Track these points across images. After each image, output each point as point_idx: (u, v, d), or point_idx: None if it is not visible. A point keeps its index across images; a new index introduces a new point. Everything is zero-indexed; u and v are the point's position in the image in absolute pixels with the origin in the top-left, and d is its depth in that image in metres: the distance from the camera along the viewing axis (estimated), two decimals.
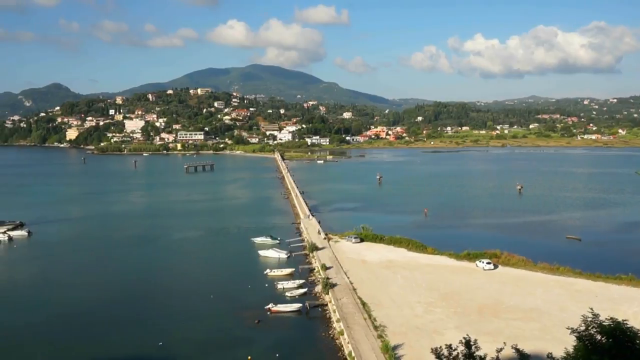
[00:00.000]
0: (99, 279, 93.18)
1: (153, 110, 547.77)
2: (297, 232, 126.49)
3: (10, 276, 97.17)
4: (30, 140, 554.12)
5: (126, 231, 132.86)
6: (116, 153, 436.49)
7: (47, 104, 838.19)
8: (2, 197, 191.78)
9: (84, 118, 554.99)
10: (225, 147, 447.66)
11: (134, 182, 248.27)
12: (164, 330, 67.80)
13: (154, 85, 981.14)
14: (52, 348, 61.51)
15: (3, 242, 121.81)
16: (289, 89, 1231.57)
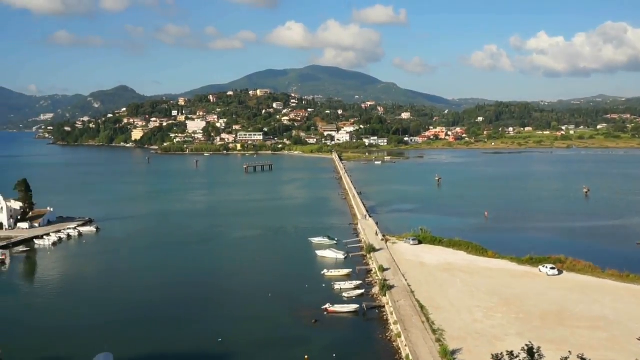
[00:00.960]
0: (161, 274, 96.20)
1: (214, 111, 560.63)
2: (355, 233, 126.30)
3: (80, 270, 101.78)
4: (98, 140, 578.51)
5: (187, 229, 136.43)
6: (179, 153, 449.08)
7: (114, 105, 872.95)
8: (73, 195, 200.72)
9: (148, 119, 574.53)
10: (283, 148, 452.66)
11: (195, 181, 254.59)
12: (224, 327, 69.13)
13: (215, 87, 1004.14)
14: (117, 341, 63.77)
15: (74, 238, 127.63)
16: (347, 89, 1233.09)
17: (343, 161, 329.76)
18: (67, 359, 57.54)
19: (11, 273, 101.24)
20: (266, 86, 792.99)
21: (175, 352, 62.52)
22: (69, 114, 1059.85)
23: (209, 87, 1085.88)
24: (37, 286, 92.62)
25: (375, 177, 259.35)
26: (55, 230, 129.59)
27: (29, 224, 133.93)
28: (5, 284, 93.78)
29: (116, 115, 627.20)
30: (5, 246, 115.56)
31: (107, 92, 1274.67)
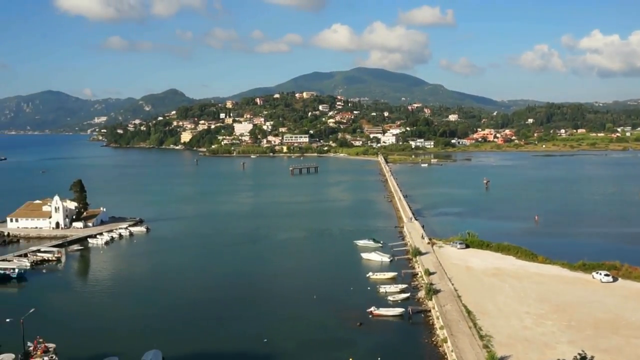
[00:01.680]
0: (208, 274, 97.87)
1: (260, 113, 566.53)
2: (400, 235, 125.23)
3: (130, 268, 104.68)
4: (149, 142, 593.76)
5: (234, 230, 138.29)
6: (226, 155, 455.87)
7: (165, 108, 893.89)
8: (125, 196, 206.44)
9: (197, 121, 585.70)
10: (329, 150, 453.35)
11: (242, 183, 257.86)
12: (269, 327, 69.69)
13: (262, 90, 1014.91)
14: (165, 339, 65.15)
15: (125, 237, 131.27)
16: (393, 91, 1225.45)
17: (389, 163, 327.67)
18: (117, 354, 59.04)
19: (66, 270, 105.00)
20: (312, 89, 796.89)
21: (221, 351, 63.44)
22: (121, 117, 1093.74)
23: (255, 89, 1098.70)
24: (90, 284, 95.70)
25: (422, 179, 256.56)
26: (108, 230, 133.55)
27: (83, 223, 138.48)
28: (60, 280, 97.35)
29: (166, 118, 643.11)
30: (61, 244, 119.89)
31: (158, 95, 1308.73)
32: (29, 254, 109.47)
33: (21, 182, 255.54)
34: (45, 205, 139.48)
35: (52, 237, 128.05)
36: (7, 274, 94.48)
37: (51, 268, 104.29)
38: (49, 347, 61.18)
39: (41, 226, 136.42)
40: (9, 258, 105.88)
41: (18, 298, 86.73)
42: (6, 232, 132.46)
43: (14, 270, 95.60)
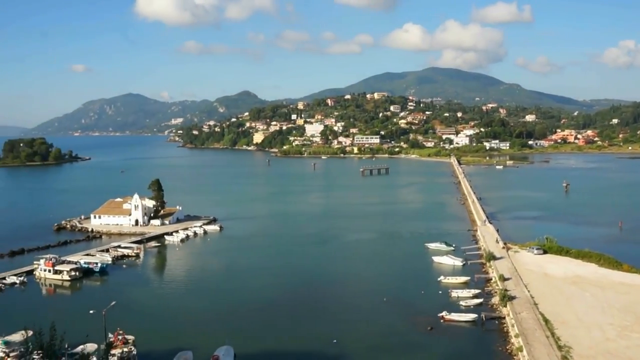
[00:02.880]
0: (279, 274, 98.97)
1: (331, 114, 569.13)
2: (473, 239, 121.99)
3: (204, 265, 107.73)
4: (222, 143, 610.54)
5: (304, 230, 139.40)
6: (297, 156, 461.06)
7: (238, 110, 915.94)
8: (199, 195, 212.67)
9: (269, 123, 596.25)
10: (400, 151, 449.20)
11: (312, 183, 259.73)
12: (338, 328, 69.57)
13: (333, 91, 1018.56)
14: (237, 335, 66.23)
15: (199, 235, 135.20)
16: (466, 91, 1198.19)
17: (462, 165, 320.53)
18: (191, 349, 60.65)
19: (144, 266, 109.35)
20: (383, 89, 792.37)
21: (291, 350, 63.95)
22: (196, 118, 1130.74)
23: (327, 90, 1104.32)
24: (166, 279, 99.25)
25: (496, 182, 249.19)
26: (184, 228, 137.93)
27: (161, 221, 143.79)
28: (138, 275, 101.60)
29: (239, 119, 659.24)
30: (139, 241, 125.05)
31: (231, 97, 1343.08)
32: (110, 250, 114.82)
33: (103, 181, 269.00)
34: (126, 203, 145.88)
35: (132, 234, 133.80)
36: (90, 268, 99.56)
37: (130, 263, 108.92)
38: (128, 339, 63.83)
39: (122, 223, 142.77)
40: (92, 253, 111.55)
41: (100, 291, 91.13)
42: (90, 228, 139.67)
43: (97, 265, 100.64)
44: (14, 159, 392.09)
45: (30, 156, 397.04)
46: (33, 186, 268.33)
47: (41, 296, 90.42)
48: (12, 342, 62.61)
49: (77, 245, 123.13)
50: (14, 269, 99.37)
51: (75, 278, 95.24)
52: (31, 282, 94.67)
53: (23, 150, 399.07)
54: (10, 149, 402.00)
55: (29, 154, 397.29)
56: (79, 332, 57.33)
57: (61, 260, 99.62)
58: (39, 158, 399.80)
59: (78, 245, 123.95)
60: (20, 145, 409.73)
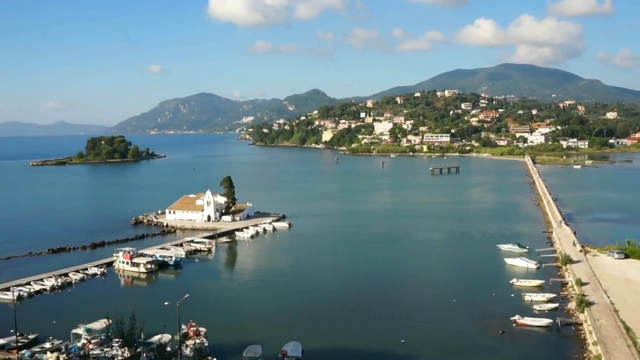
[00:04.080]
0: (346, 271, 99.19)
1: (401, 112, 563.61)
2: (548, 241, 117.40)
3: (273, 261, 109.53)
4: (292, 141, 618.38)
5: (372, 228, 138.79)
6: (365, 154, 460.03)
7: (307, 108, 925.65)
8: (269, 192, 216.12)
9: (337, 121, 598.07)
10: (471, 150, 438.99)
11: (381, 182, 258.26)
12: (406, 328, 68.84)
13: (402, 89, 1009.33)
14: (304, 331, 66.76)
15: (268, 232, 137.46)
16: (542, 88, 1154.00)
17: (536, 164, 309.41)
18: (260, 343, 61.62)
19: (215, 261, 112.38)
20: (454, 86, 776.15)
21: (358, 347, 63.82)
22: (266, 117, 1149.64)
23: (396, 88, 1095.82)
24: (237, 274, 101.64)
25: (574, 182, 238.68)
26: (254, 224, 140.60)
27: (231, 217, 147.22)
28: (210, 270, 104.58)
29: (308, 117, 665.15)
30: (211, 236, 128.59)
31: (301, 95, 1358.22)
32: (184, 244, 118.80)
33: (177, 178, 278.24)
34: (199, 199, 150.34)
35: (204, 229, 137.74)
36: (165, 261, 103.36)
37: (203, 258, 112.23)
38: (200, 331, 65.81)
39: (195, 218, 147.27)
40: (167, 247, 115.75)
41: (174, 284, 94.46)
42: (165, 223, 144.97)
43: (171, 258, 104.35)
44: (96, 156, 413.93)
45: (111, 153, 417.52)
46: (113, 182, 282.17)
47: (119, 287, 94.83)
48: (93, 330, 65.98)
49: (153, 239, 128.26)
50: (95, 261, 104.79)
51: (151, 271, 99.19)
52: (110, 273, 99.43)
53: (104, 148, 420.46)
54: (93, 146, 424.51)
55: (109, 152, 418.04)
56: (154, 322, 59.61)
57: (138, 253, 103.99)
58: (118, 155, 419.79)
59: (154, 239, 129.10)
60: (101, 143, 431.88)
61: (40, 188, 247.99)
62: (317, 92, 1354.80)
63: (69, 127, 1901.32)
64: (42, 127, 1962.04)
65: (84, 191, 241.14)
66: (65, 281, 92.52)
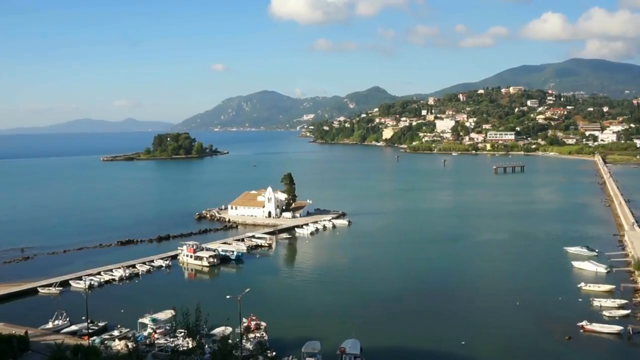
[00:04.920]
0: (406, 270, 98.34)
1: (463, 110, 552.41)
2: (620, 245, 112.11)
3: (332, 258, 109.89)
4: (352, 138, 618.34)
5: (432, 227, 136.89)
6: (427, 152, 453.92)
7: (368, 105, 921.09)
8: (329, 190, 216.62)
9: (398, 118, 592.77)
10: (537, 148, 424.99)
11: (442, 180, 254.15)
12: (467, 329, 67.48)
13: (465, 86, 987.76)
14: (363, 329, 66.49)
15: (328, 229, 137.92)
16: (614, 84, 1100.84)
17: (607, 164, 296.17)
18: (319, 339, 61.87)
19: (276, 256, 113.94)
20: (519, 83, 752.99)
21: (417, 348, 63.19)
22: (327, 114, 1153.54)
23: (459, 85, 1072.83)
24: (296, 270, 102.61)
25: None
26: (313, 221, 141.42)
27: (292, 213, 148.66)
28: (270, 265, 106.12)
29: (369, 115, 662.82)
30: (272, 232, 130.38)
31: (361, 93, 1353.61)
32: (245, 239, 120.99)
33: (238, 174, 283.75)
34: (260, 196, 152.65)
35: (265, 225, 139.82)
36: (227, 256, 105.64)
37: (263, 253, 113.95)
38: (261, 325, 66.87)
39: (256, 214, 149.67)
40: (229, 241, 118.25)
41: (236, 278, 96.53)
42: (227, 218, 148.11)
43: (233, 253, 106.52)
44: (162, 152, 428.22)
45: (176, 150, 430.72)
46: (178, 177, 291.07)
47: (183, 279, 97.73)
48: (158, 320, 68.29)
49: (216, 234, 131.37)
50: (160, 253, 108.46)
51: (214, 264, 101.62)
52: (175, 266, 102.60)
53: (170, 144, 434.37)
54: (159, 142, 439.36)
55: (174, 148, 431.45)
56: (216, 315, 60.87)
57: (201, 247, 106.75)
58: (183, 151, 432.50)
59: (216, 234, 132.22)
60: (167, 139, 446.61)
61: (111, 182, 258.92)
62: (377, 90, 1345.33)
63: (137, 124, 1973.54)
64: (111, 124, 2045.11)
65: (151, 186, 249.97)
66: (133, 272, 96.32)
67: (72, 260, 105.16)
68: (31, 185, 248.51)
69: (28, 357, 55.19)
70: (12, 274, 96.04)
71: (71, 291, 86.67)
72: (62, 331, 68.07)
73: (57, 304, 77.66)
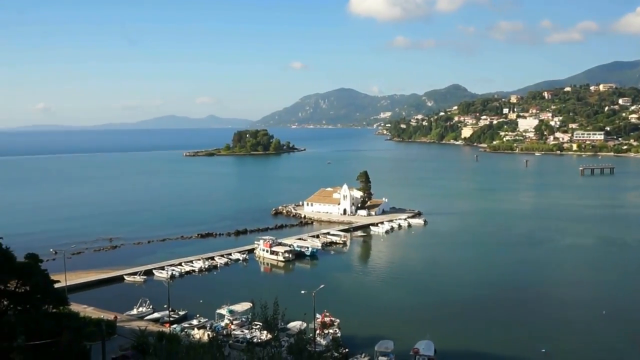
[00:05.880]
0: (483, 272, 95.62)
1: (548, 108, 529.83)
2: None
3: (407, 258, 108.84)
4: (429, 137, 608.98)
5: (512, 230, 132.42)
6: (507, 152, 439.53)
7: (446, 103, 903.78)
8: (405, 189, 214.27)
9: (478, 117, 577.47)
10: (629, 149, 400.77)
11: (523, 181, 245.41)
12: (548, 337, 64.71)
13: (550, 83, 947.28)
14: (437, 331, 65.25)
15: (403, 228, 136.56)
16: None
17: None
18: (392, 338, 61.16)
19: (350, 254, 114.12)
20: (610, 80, 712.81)
21: (494, 352, 61.34)
22: (404, 112, 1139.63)
23: (543, 83, 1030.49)
24: (370, 268, 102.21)
25: None
26: (389, 220, 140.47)
27: (367, 211, 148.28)
28: (345, 262, 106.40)
29: (447, 113, 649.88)
30: (347, 230, 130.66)
31: (440, 91, 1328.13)
32: (320, 236, 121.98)
33: (313, 171, 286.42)
34: (336, 193, 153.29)
35: (340, 222, 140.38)
36: (302, 252, 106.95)
37: (338, 250, 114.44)
38: (334, 322, 67.13)
39: (331, 211, 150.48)
40: (304, 237, 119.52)
41: (310, 273, 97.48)
42: (303, 215, 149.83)
43: (308, 249, 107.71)
44: (241, 148, 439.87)
45: (254, 146, 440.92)
46: (256, 173, 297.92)
47: (259, 273, 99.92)
48: (235, 312, 70.15)
49: (291, 230, 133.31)
50: (238, 247, 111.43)
51: (289, 260, 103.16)
52: (251, 260, 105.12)
53: (248, 141, 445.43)
54: (239, 139, 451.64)
55: (253, 144, 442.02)
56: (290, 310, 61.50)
57: (277, 242, 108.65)
58: (261, 148, 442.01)
59: (292, 229, 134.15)
60: (246, 136, 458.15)
61: (192, 177, 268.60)
62: (457, 87, 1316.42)
63: (218, 120, 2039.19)
64: (194, 120, 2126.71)
65: (230, 181, 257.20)
66: (212, 264, 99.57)
67: (156, 251, 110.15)
68: (120, 179, 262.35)
69: (114, 340, 58.27)
70: (101, 261, 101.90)
71: (154, 280, 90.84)
72: (146, 318, 71.43)
73: (141, 291, 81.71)
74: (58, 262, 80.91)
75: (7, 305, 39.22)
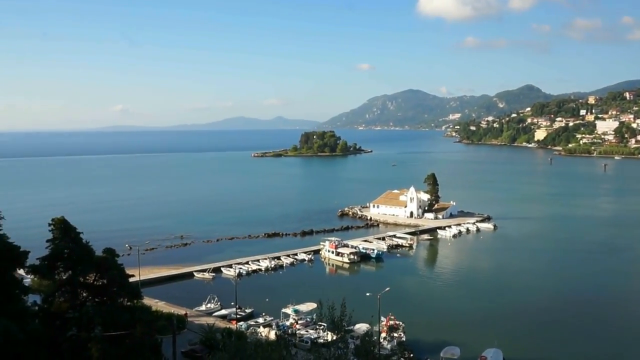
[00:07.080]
0: (555, 280, 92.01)
1: (630, 110, 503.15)
2: None
3: (475, 262, 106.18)
4: (500, 139, 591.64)
5: (588, 237, 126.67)
6: (584, 155, 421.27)
7: (519, 105, 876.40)
8: (473, 192, 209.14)
9: (553, 118, 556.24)
10: None
11: (601, 186, 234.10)
12: (626, 352, 61.49)
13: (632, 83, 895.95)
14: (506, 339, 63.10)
15: (472, 232, 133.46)
16: None
17: None
18: (458, 345, 59.95)
19: (416, 257, 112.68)
20: None
21: None
22: (474, 114, 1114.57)
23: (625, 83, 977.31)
24: (436, 272, 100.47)
25: None
26: (456, 224, 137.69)
27: (434, 215, 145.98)
28: (411, 265, 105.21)
29: (520, 114, 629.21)
30: (413, 232, 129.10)
31: (512, 91, 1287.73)
32: (386, 238, 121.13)
33: (379, 173, 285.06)
34: (402, 195, 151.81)
35: (406, 225, 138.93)
36: (368, 254, 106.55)
37: (404, 253, 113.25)
38: (399, 325, 66.43)
39: (397, 214, 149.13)
40: (370, 240, 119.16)
41: (375, 276, 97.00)
42: (369, 217, 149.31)
43: (373, 251, 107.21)
44: (308, 150, 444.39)
45: (321, 147, 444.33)
46: (322, 174, 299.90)
47: (324, 274, 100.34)
48: (300, 311, 70.75)
49: (357, 232, 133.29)
50: (304, 247, 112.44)
51: (354, 261, 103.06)
52: (317, 260, 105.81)
53: (315, 142, 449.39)
54: (306, 140, 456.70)
55: (320, 145, 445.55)
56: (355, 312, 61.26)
57: (343, 243, 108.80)
58: (328, 149, 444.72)
59: (358, 231, 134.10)
60: (313, 137, 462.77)
61: (260, 178, 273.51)
62: (530, 88, 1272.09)
63: (285, 122, 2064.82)
64: (262, 121, 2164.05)
65: (297, 182, 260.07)
66: (278, 264, 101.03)
67: (224, 249, 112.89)
68: (191, 179, 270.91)
69: (184, 335, 60.18)
70: (172, 258, 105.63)
71: (222, 277, 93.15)
72: (214, 314, 73.30)
73: (209, 288, 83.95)
74: (133, 257, 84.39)
75: (85, 296, 41.34)
